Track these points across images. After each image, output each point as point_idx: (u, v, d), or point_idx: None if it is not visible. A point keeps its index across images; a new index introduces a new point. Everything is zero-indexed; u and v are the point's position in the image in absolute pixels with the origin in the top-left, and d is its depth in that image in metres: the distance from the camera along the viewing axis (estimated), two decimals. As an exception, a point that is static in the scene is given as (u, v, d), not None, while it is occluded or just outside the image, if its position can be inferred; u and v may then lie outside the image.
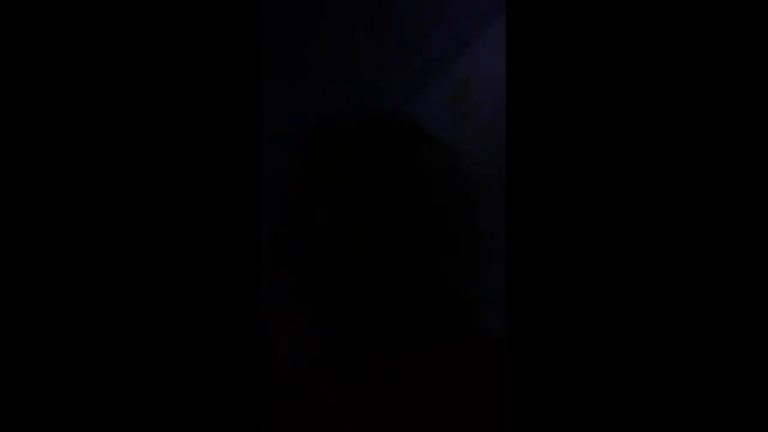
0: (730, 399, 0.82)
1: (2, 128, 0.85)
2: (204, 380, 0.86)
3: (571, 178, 0.85)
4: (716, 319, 0.83)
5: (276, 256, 1.02)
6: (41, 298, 0.84)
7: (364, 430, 0.95)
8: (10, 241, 0.84)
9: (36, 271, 0.84)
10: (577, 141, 0.85)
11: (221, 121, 0.88)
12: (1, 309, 0.83)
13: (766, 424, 0.82)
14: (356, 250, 1.05)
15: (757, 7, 0.81)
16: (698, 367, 0.83)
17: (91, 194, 0.86)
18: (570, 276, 0.85)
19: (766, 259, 0.82)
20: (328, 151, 1.08)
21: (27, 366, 0.84)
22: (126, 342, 0.85)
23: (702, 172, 0.84)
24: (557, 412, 0.84)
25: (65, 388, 0.84)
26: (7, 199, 0.84)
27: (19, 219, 0.84)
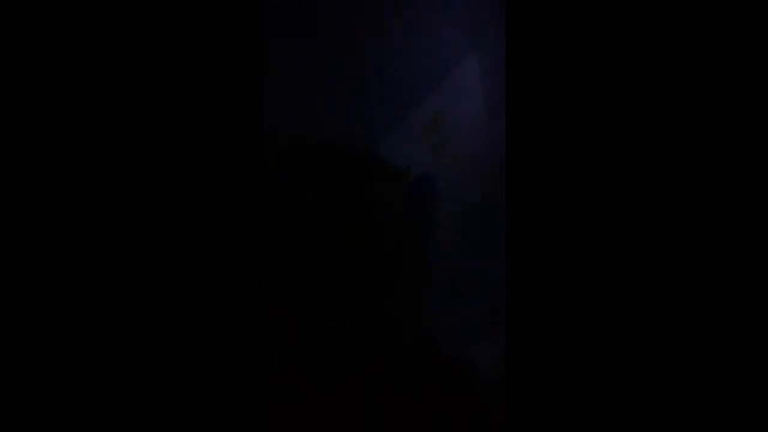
0: (732, 403, 0.82)
1: (2, 128, 0.85)
2: (204, 380, 0.86)
3: (571, 203, 0.85)
4: (716, 323, 0.83)
5: (275, 256, 1.03)
6: (40, 300, 0.84)
7: (364, 430, 0.95)
8: (11, 242, 0.84)
9: (35, 273, 0.84)
10: (576, 160, 0.86)
11: (221, 121, 0.89)
12: (1, 310, 0.83)
13: (766, 424, 0.82)
14: (347, 247, 1.06)
15: (757, 7, 0.82)
16: (699, 372, 0.83)
17: (90, 194, 0.86)
18: (563, 304, 0.85)
19: (766, 258, 0.83)
20: (304, 168, 1.10)
21: (26, 366, 0.83)
22: (125, 343, 0.85)
23: (703, 185, 0.84)
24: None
25: (65, 388, 0.84)
26: (7, 200, 0.84)
27: (20, 220, 0.84)
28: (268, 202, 1.01)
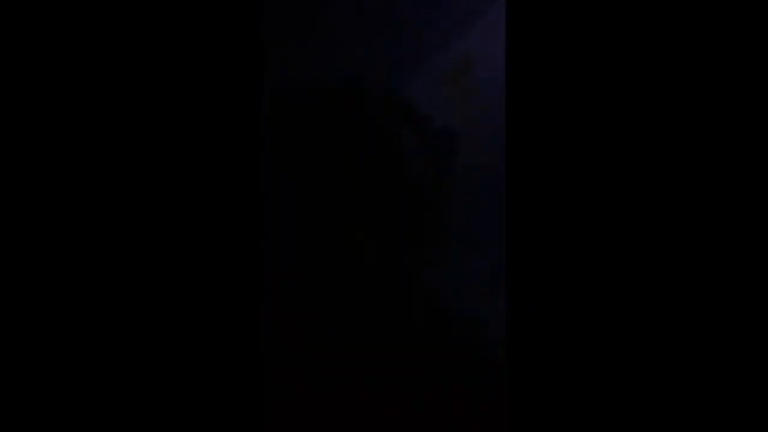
0: (730, 403, 0.82)
1: (2, 128, 0.85)
2: (205, 380, 0.86)
3: (571, 169, 0.85)
4: (716, 324, 0.82)
5: (275, 255, 1.02)
6: (42, 300, 0.84)
7: (364, 430, 0.95)
8: (11, 242, 0.84)
9: (37, 273, 0.84)
10: (578, 130, 0.85)
11: (221, 119, 0.88)
12: (2, 309, 0.83)
13: (765, 424, 0.82)
14: (347, 247, 1.05)
15: (757, 7, 0.81)
16: (698, 373, 0.82)
17: (91, 194, 0.86)
18: (568, 270, 0.84)
19: (763, 259, 0.82)
20: (309, 129, 1.08)
21: (27, 366, 0.84)
22: (126, 343, 0.85)
23: (701, 180, 0.84)
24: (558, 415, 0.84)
25: (66, 388, 0.84)
26: (7, 200, 0.84)
27: (20, 220, 0.84)
28: (268, 202, 1.00)
